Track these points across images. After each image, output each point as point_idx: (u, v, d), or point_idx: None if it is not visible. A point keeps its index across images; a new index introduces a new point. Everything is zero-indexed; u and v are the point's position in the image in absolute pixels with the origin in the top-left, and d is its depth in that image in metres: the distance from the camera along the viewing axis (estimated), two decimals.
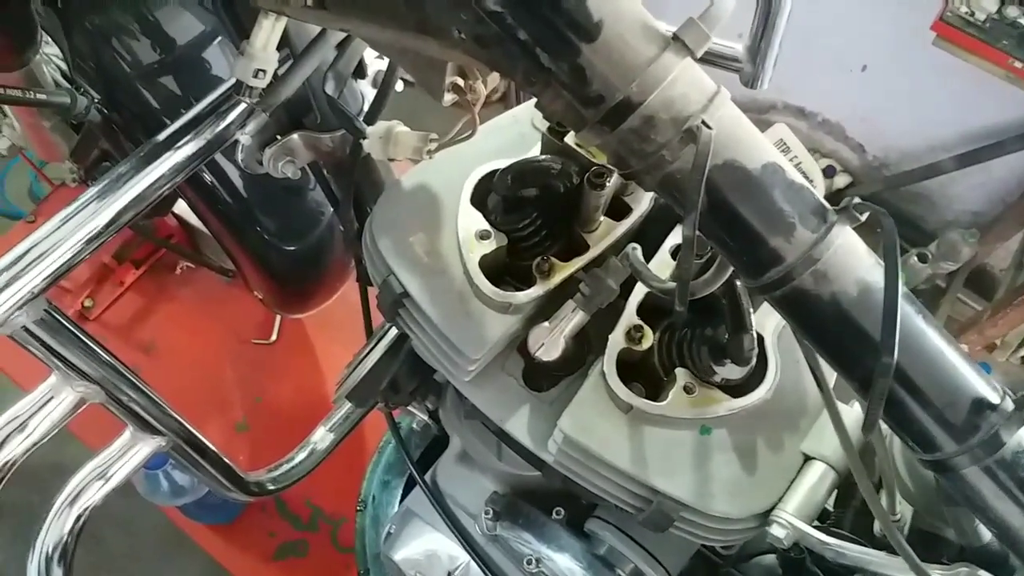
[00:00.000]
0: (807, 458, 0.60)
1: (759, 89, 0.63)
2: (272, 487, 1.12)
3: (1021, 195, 1.41)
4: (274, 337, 1.76)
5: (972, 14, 1.19)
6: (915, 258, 1.32)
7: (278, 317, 1.76)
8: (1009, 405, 0.42)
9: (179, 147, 0.62)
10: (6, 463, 0.60)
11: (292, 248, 1.14)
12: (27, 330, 0.60)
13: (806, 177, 0.42)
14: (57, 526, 0.65)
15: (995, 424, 0.42)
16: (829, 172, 1.46)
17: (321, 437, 1.21)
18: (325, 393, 1.71)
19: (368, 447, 1.56)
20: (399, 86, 0.67)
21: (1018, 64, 1.14)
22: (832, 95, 1.42)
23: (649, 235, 0.66)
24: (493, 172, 0.63)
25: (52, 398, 0.64)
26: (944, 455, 0.43)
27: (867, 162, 1.51)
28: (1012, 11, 1.11)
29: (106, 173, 0.63)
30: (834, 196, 1.07)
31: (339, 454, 1.23)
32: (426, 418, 1.06)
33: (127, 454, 0.75)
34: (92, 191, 0.63)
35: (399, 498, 1.23)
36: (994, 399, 0.42)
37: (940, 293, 1.47)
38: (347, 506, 1.28)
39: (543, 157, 0.60)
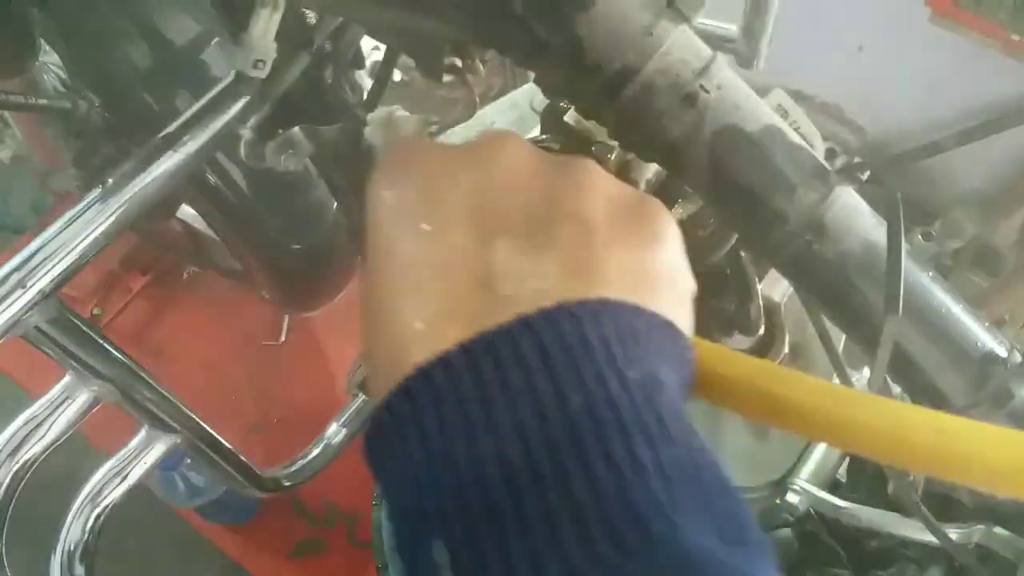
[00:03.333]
0: None
1: (756, 69, 0.63)
2: (288, 483, 1.12)
3: (1023, 171, 1.40)
4: (283, 338, 1.77)
5: None
6: (919, 237, 1.32)
7: (286, 318, 1.77)
8: (1017, 358, 0.43)
9: (182, 144, 0.62)
10: (26, 462, 0.61)
11: (298, 246, 1.15)
12: (40, 330, 0.60)
13: (806, 141, 0.42)
14: (78, 524, 0.66)
15: (1005, 377, 0.42)
16: (829, 155, 1.46)
17: (335, 432, 1.21)
18: (337, 391, 1.72)
19: None
20: (396, 76, 0.67)
21: (1015, 36, 1.14)
22: (829, 76, 1.42)
23: None
24: None
25: (67, 398, 0.65)
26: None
27: (868, 143, 1.52)
28: None
29: (110, 173, 0.64)
30: None
31: (353, 451, 1.24)
32: None
33: (143, 453, 0.76)
34: (98, 191, 0.64)
35: None
36: (1002, 353, 0.42)
37: (946, 272, 1.47)
38: (363, 502, 1.28)
39: (543, 137, 0.60)
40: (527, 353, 0.25)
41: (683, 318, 0.31)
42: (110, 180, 0.59)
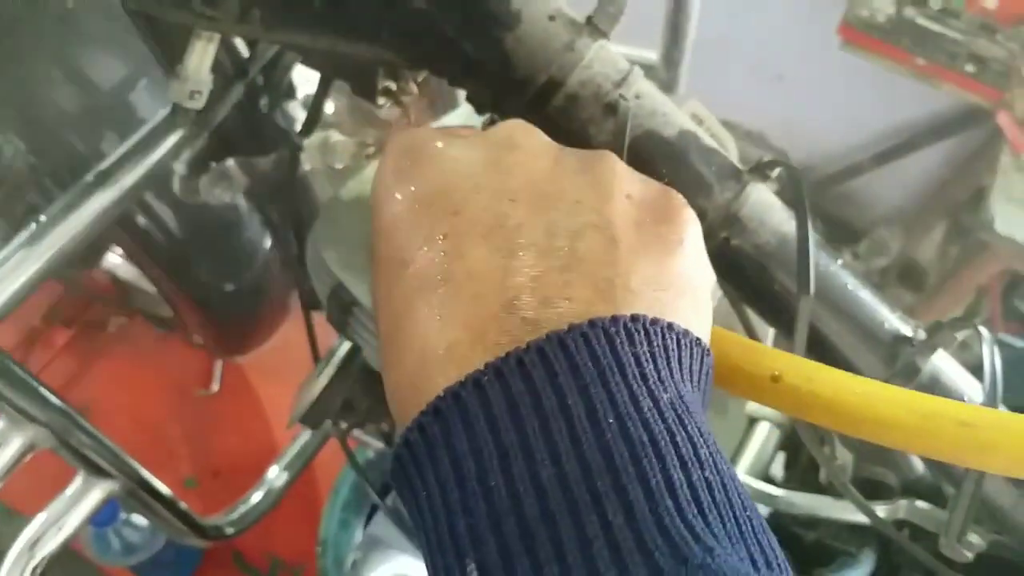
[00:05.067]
0: (752, 420, 0.64)
1: (676, 95, 0.68)
2: (230, 530, 1.10)
3: (938, 187, 1.49)
4: (216, 387, 1.73)
5: (873, 16, 1.26)
6: (848, 256, 1.39)
7: (219, 366, 1.73)
8: (921, 335, 0.47)
9: (116, 180, 0.62)
10: None
11: (230, 287, 1.14)
12: None
13: (720, 145, 0.46)
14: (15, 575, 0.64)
15: (911, 353, 0.46)
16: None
17: (276, 475, 1.20)
18: (273, 439, 1.69)
19: (321, 493, 1.54)
20: (330, 108, 0.69)
21: (921, 61, 1.23)
22: (752, 105, 1.49)
23: None
24: None
25: (0, 445, 0.63)
26: None
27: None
28: (909, 11, 1.20)
29: (39, 214, 0.63)
30: None
31: (292, 500, 1.22)
32: (381, 444, 1.06)
33: (80, 500, 0.74)
34: (22, 235, 0.63)
35: (359, 537, 1.22)
36: (907, 331, 0.46)
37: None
38: (307, 553, 1.26)
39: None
40: (560, 372, 0.25)
41: (703, 319, 0.31)
42: (42, 217, 0.59)
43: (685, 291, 0.30)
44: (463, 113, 0.63)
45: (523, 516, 0.23)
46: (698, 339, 0.29)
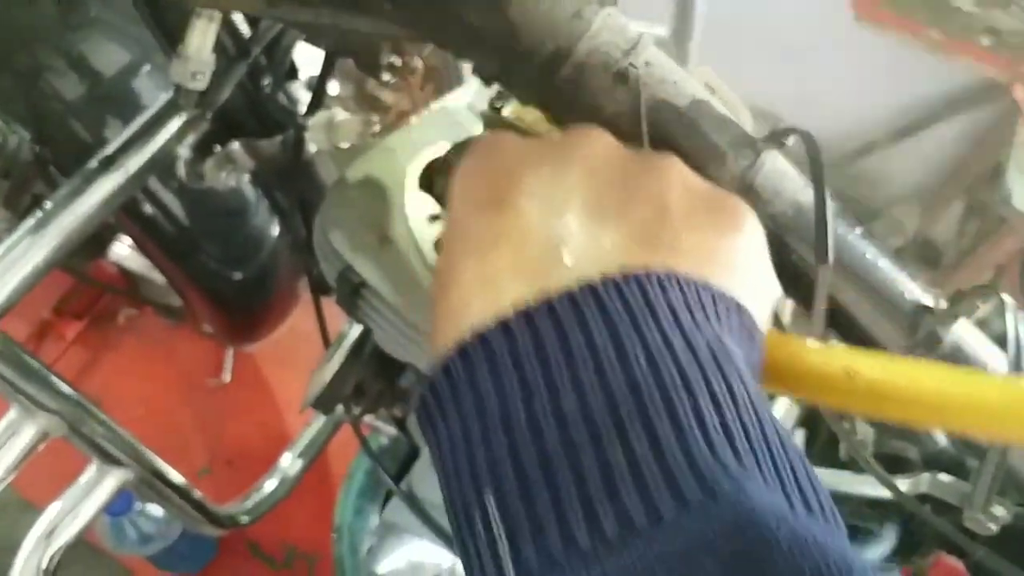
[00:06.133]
0: (771, 396, 0.63)
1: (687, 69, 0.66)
2: (245, 519, 1.10)
3: (954, 164, 1.47)
4: (228, 376, 1.73)
5: None
6: None
7: (230, 356, 1.74)
8: (943, 304, 0.46)
9: (121, 165, 0.62)
10: None
11: (239, 274, 1.14)
12: None
13: (733, 113, 0.45)
14: (31, 565, 0.64)
15: (932, 323, 0.45)
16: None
17: (290, 463, 1.20)
18: (286, 427, 1.69)
19: (335, 480, 1.54)
20: (334, 88, 0.68)
21: (935, 34, 1.20)
22: (765, 82, 1.47)
23: None
24: (436, 159, 0.65)
25: (13, 433, 0.63)
26: None
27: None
28: None
29: (45, 200, 0.63)
30: None
31: (307, 487, 1.22)
32: (394, 430, 1.06)
33: (94, 489, 0.74)
34: (29, 222, 0.63)
35: (375, 523, 1.22)
36: (928, 301, 0.45)
37: None
38: (322, 539, 1.26)
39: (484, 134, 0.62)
40: (589, 317, 0.25)
41: (756, 304, 0.30)
42: (48, 204, 0.58)
43: (734, 268, 0.30)
44: (470, 90, 0.62)
45: (543, 445, 0.23)
46: (741, 304, 0.29)
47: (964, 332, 0.45)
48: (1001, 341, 0.46)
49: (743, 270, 0.31)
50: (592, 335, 0.24)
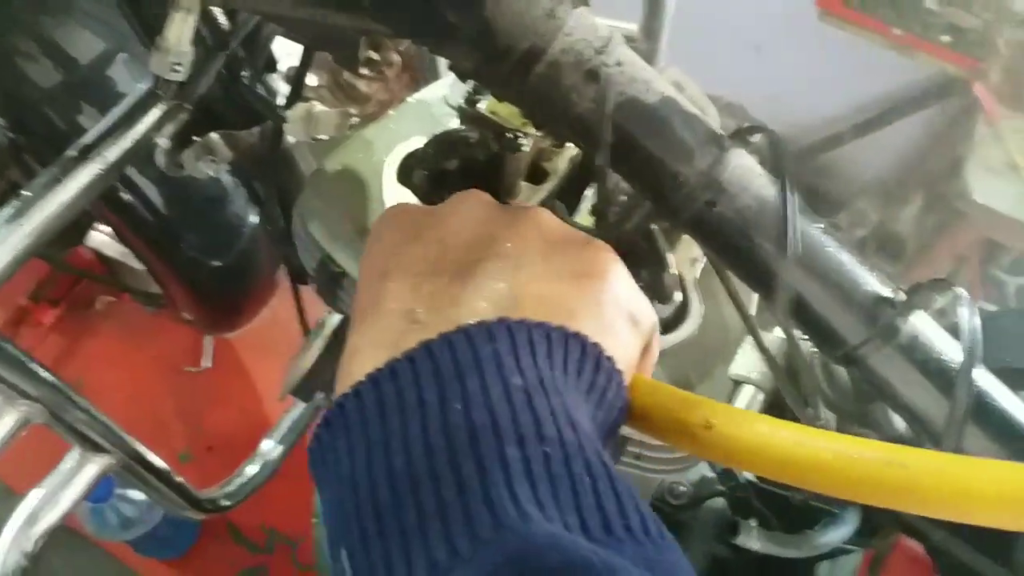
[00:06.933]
0: (736, 383, 0.64)
1: (657, 66, 0.67)
2: (226, 503, 1.11)
3: (916, 158, 1.49)
4: (207, 363, 1.73)
5: None
6: (827, 228, 1.40)
7: (210, 343, 1.73)
8: (901, 296, 0.47)
9: (100, 154, 0.62)
10: None
11: (218, 262, 1.14)
12: None
13: (700, 111, 0.46)
14: (15, 550, 0.65)
15: (890, 314, 0.47)
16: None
17: (271, 448, 1.21)
18: (266, 414, 1.70)
19: None
20: (312, 80, 0.69)
21: (897, 31, 1.22)
22: (732, 77, 1.49)
23: (567, 199, 0.70)
24: (413, 151, 0.65)
25: None
26: (850, 348, 0.47)
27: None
28: None
29: (22, 189, 0.63)
30: None
31: (287, 471, 1.23)
32: None
33: (76, 475, 0.75)
34: (7, 211, 0.63)
35: None
36: (887, 293, 0.47)
37: None
38: (302, 523, 1.27)
39: (460, 128, 0.63)
40: (422, 373, 0.28)
41: (615, 345, 0.33)
42: (27, 192, 0.58)
43: (586, 312, 0.32)
44: (446, 83, 0.63)
45: (377, 503, 0.26)
46: (579, 334, 0.31)
47: (921, 323, 0.47)
48: (957, 332, 0.48)
49: (596, 310, 0.33)
50: (423, 391, 0.27)
